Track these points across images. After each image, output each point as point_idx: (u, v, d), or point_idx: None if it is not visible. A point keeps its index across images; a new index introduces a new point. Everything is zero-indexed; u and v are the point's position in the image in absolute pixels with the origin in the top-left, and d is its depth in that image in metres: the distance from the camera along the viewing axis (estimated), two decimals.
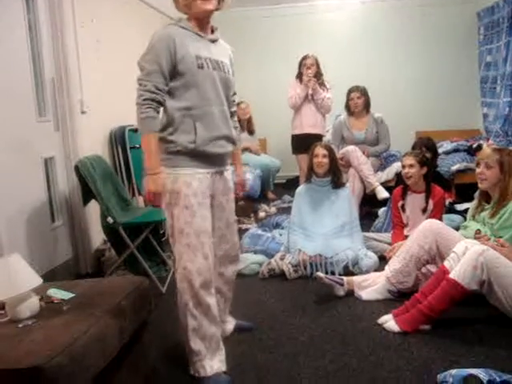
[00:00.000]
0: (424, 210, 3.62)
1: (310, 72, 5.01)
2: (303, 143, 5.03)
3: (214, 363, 2.20)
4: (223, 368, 2.22)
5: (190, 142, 2.13)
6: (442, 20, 6.58)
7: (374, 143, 5.11)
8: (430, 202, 3.61)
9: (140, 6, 4.97)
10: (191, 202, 2.14)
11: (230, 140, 2.30)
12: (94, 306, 1.84)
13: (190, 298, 2.15)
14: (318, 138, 4.98)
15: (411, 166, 3.60)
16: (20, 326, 1.69)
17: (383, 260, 3.46)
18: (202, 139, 2.14)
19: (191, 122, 2.13)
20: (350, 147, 4.86)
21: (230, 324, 2.64)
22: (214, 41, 2.25)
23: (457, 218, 4.02)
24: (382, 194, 4.69)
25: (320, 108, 5.13)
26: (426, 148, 4.22)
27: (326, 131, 5.36)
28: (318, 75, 5.11)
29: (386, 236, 3.87)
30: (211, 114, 2.18)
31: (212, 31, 2.27)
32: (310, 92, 5.04)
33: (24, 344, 1.55)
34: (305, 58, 5.13)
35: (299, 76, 5.15)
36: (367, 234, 3.97)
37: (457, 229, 3.17)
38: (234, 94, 2.45)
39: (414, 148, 4.29)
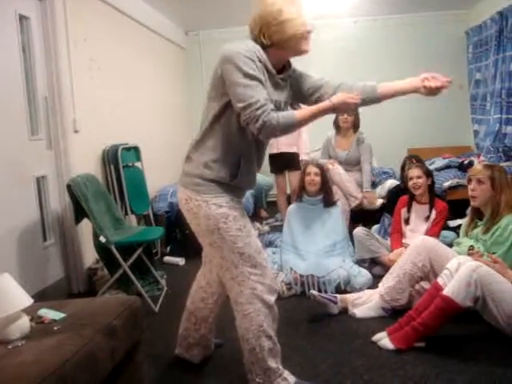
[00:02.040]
0: (427, 218, 3.73)
1: None
2: (279, 162, 5.07)
3: (287, 372, 2.19)
4: None
5: (232, 175, 2.06)
6: (431, 39, 6.67)
7: (356, 163, 5.05)
8: (433, 212, 3.72)
9: (133, 26, 5.00)
10: (244, 222, 2.10)
11: None
12: (86, 326, 1.81)
13: (265, 317, 2.09)
14: (293, 156, 4.99)
15: (419, 177, 3.73)
16: (9, 347, 1.66)
17: (376, 278, 3.46)
18: (244, 174, 2.09)
19: (237, 154, 2.05)
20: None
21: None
22: (283, 79, 2.12)
23: (450, 234, 4.04)
24: (376, 202, 4.74)
25: None
26: (416, 161, 4.27)
27: (305, 149, 5.32)
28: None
29: (386, 241, 3.93)
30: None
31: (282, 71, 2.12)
32: None
33: (13, 366, 1.52)
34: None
35: None
36: (371, 232, 3.97)
37: (450, 245, 3.17)
38: None
39: (404, 165, 4.34)
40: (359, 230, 3.84)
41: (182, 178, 2.15)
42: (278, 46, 2.00)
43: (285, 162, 5.06)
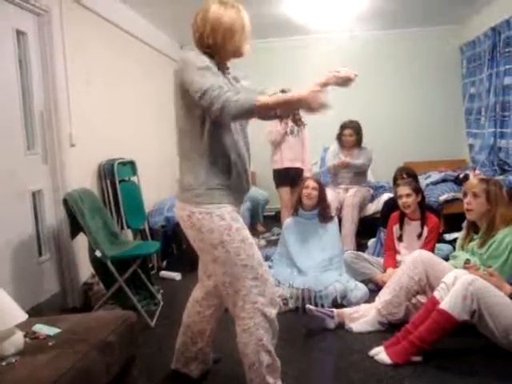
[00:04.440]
0: (419, 236, 3.66)
1: None
2: (285, 177, 5.07)
3: None
4: None
5: (229, 172, 2.09)
6: (427, 53, 6.71)
7: (360, 169, 5.16)
8: (425, 229, 3.66)
9: (129, 40, 5.03)
10: (246, 234, 2.10)
11: None
12: (81, 342, 1.80)
13: (264, 332, 2.07)
14: (297, 172, 5.02)
15: (408, 195, 3.65)
16: (3, 363, 1.65)
17: (373, 292, 3.45)
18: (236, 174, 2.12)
19: (227, 151, 2.09)
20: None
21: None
22: (235, 79, 2.27)
23: (446, 247, 4.04)
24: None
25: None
26: (407, 175, 4.26)
27: (309, 165, 5.30)
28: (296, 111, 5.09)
29: (379, 260, 3.87)
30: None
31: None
32: (289, 129, 5.01)
33: (7, 382, 1.51)
34: (283, 92, 5.03)
35: None
36: (362, 253, 3.91)
37: (446, 259, 3.18)
38: None
39: (396, 178, 4.33)
40: (348, 254, 3.78)
41: (180, 195, 2.14)
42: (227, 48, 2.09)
43: (290, 177, 5.05)
